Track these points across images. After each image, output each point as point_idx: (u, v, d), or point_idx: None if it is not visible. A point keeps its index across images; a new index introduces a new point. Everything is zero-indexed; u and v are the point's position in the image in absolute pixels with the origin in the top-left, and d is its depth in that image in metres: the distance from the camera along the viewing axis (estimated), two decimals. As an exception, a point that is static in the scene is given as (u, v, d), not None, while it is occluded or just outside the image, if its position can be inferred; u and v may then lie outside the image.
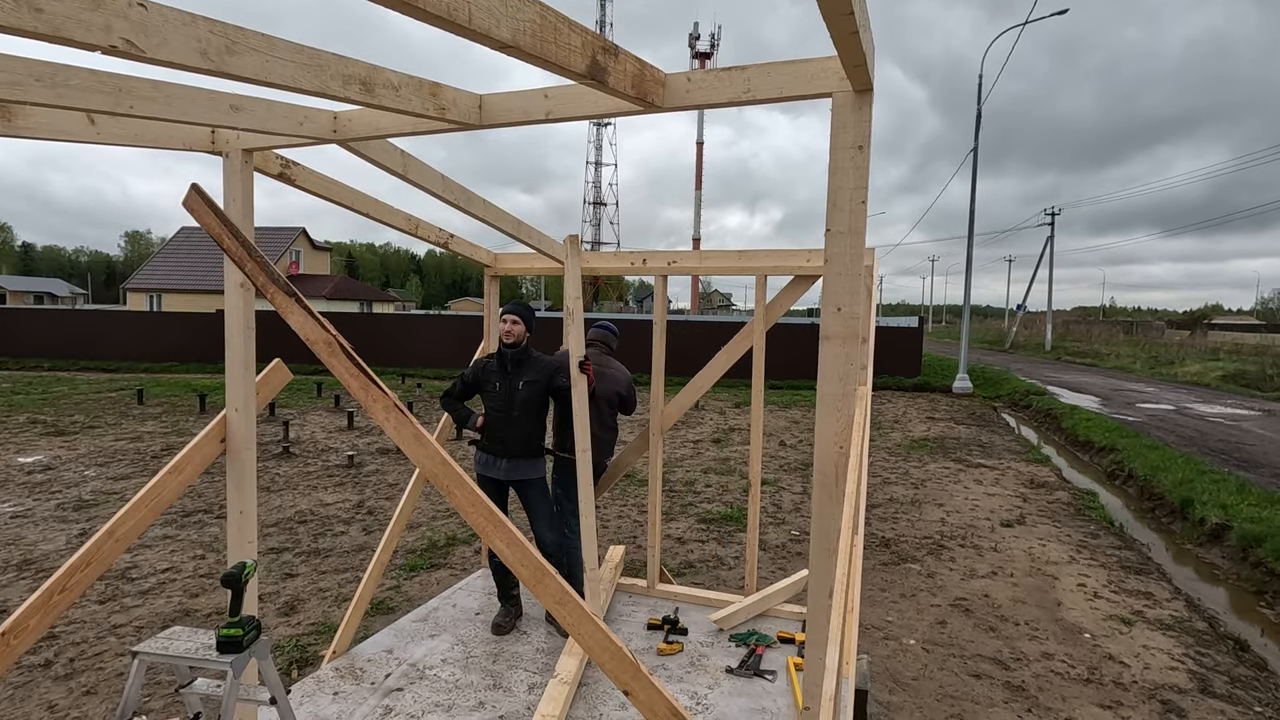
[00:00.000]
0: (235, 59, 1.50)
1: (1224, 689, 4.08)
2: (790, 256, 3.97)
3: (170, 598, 4.88)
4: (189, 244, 34.28)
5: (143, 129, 2.30)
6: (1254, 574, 5.98)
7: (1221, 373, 23.42)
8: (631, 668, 2.02)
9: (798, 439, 11.58)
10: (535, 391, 3.85)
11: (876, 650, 4.41)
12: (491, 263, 4.44)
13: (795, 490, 8.30)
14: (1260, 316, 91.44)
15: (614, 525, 6.81)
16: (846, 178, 1.83)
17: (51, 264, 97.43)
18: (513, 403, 3.83)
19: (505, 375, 3.86)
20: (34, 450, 9.57)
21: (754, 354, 4.21)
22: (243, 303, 2.54)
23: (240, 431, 2.56)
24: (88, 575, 2.39)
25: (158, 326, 22.17)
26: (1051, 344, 38.87)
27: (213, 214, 2.29)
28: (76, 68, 1.79)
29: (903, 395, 18.51)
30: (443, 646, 3.77)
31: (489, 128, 2.19)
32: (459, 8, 1.29)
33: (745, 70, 1.91)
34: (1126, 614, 5.07)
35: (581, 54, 1.65)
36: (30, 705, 3.57)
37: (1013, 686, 4.03)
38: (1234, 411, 15.44)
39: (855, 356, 1.88)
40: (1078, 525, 7.24)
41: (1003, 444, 11.79)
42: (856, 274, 1.85)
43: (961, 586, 5.51)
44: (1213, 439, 11.68)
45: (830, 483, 1.92)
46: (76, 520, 6.55)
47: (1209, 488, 7.85)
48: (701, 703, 3.30)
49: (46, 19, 1.20)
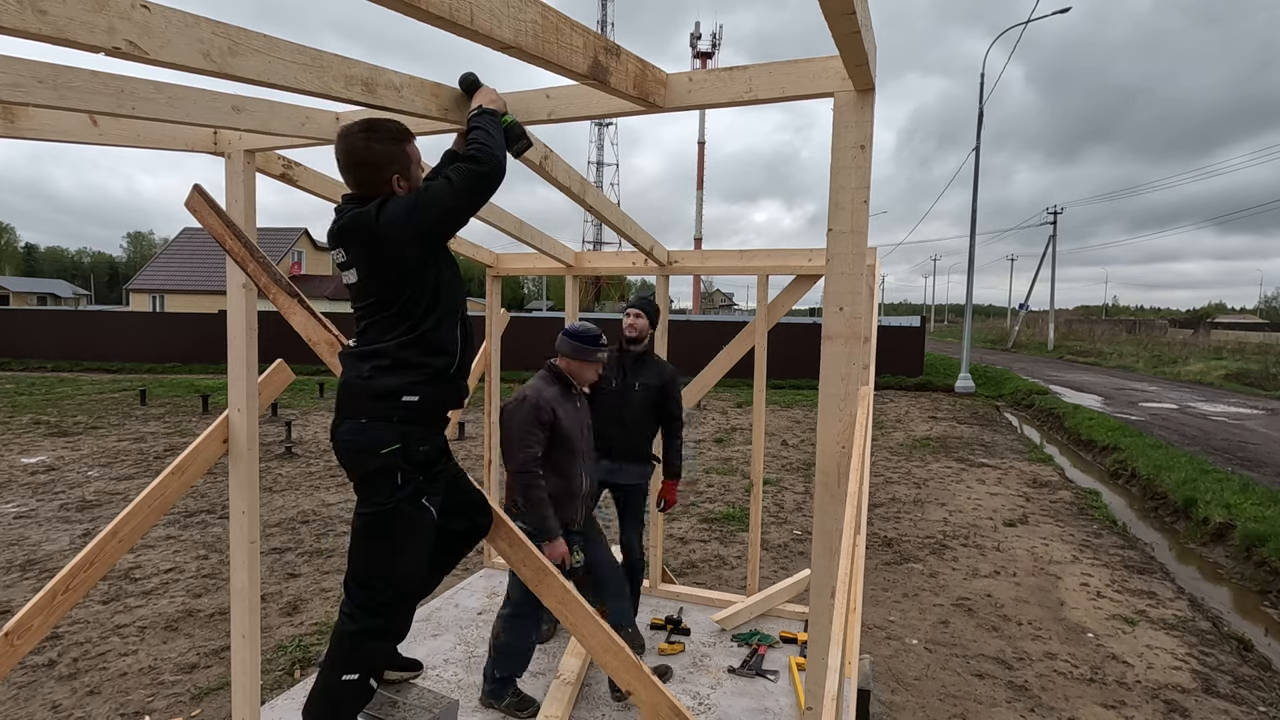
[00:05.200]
0: (237, 60, 1.50)
1: (1228, 689, 4.07)
2: (792, 256, 3.97)
3: (173, 598, 4.89)
4: (191, 245, 34.33)
5: (145, 130, 2.30)
6: (1258, 573, 5.97)
7: (1225, 371, 23.38)
8: (634, 668, 2.02)
9: (800, 438, 11.58)
10: (651, 394, 3.66)
11: (879, 650, 4.41)
12: (493, 263, 4.44)
13: (797, 490, 8.30)
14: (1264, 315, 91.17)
15: (615, 526, 6.80)
16: (849, 177, 1.83)
17: (54, 265, 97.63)
18: (625, 402, 3.62)
19: (624, 373, 3.65)
20: (37, 451, 9.59)
21: (756, 353, 4.20)
22: (245, 303, 2.55)
23: (243, 432, 2.56)
24: (91, 575, 2.40)
25: (160, 327, 22.22)
26: (1054, 343, 38.78)
27: (215, 215, 2.30)
28: (79, 69, 1.79)
29: (905, 395, 18.49)
30: (445, 646, 3.77)
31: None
32: (461, 8, 1.29)
33: (747, 70, 1.91)
34: (1130, 614, 5.06)
35: (583, 54, 1.65)
36: (34, 705, 3.58)
37: (1015, 686, 4.02)
38: (1237, 410, 15.40)
39: (857, 356, 1.88)
40: (1081, 525, 7.22)
41: (1005, 443, 11.77)
42: (859, 273, 1.85)
43: (964, 586, 5.50)
44: (1216, 438, 11.65)
45: (832, 482, 1.92)
46: (80, 520, 6.57)
47: (1212, 487, 7.83)
48: (704, 703, 3.29)
49: (50, 21, 1.20)
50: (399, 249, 1.89)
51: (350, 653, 1.95)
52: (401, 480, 1.93)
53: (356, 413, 1.95)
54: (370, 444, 1.92)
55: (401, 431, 1.92)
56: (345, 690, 1.94)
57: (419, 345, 1.94)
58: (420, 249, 1.90)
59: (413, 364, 1.94)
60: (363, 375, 1.94)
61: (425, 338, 1.95)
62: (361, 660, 1.96)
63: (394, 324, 1.94)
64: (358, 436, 1.94)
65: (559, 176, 2.56)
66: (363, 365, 1.95)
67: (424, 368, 1.95)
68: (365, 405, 1.94)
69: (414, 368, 1.94)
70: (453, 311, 2.00)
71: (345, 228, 1.95)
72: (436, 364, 1.97)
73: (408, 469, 1.93)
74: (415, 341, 1.93)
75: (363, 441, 1.94)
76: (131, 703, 3.61)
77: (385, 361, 1.93)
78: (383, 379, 1.92)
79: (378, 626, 1.97)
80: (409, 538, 1.98)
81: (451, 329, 2.00)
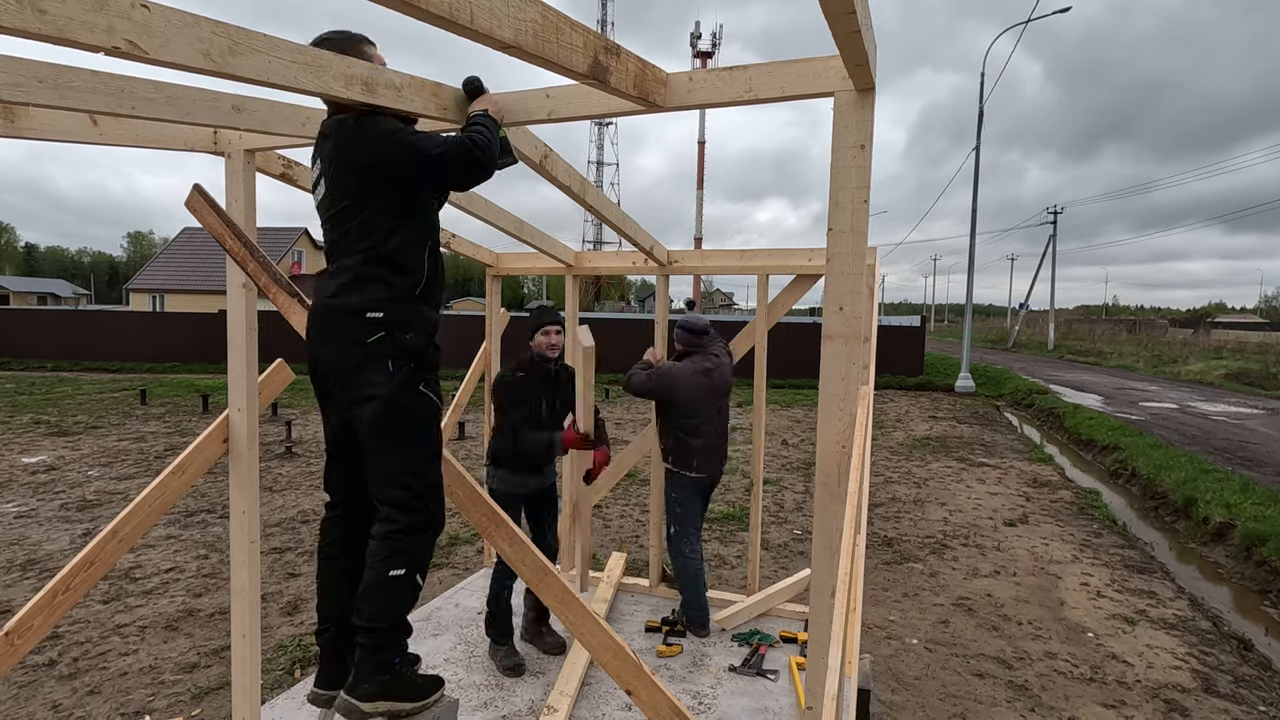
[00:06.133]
0: (238, 60, 1.50)
1: (1228, 689, 4.07)
2: (792, 256, 3.97)
3: (174, 597, 4.89)
4: (191, 244, 34.32)
5: (145, 130, 2.30)
6: (1258, 573, 5.97)
7: (1225, 371, 23.37)
8: (634, 667, 2.02)
9: (800, 438, 11.58)
10: (569, 406, 3.65)
11: (879, 649, 4.41)
12: (493, 262, 4.44)
13: (797, 489, 8.30)
14: (1264, 315, 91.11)
15: (616, 525, 6.81)
16: (849, 177, 1.83)
17: (54, 264, 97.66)
18: (556, 418, 3.62)
19: (553, 391, 3.65)
20: (38, 450, 9.60)
21: (756, 353, 4.21)
22: (245, 303, 2.55)
23: (243, 431, 2.56)
24: (91, 575, 2.40)
25: (160, 327, 22.21)
26: (1054, 343, 38.80)
27: (215, 214, 2.30)
28: (78, 69, 1.79)
29: (905, 394, 18.49)
30: (445, 646, 3.77)
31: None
32: (461, 8, 1.29)
33: (747, 70, 1.91)
34: (1130, 613, 5.06)
35: (583, 54, 1.65)
36: (34, 705, 3.58)
37: (1016, 686, 4.02)
38: (1237, 410, 15.40)
39: (857, 355, 1.88)
40: (1081, 524, 7.22)
41: (1005, 443, 11.77)
42: (859, 273, 1.85)
43: (964, 586, 5.50)
44: (1216, 438, 11.65)
45: (832, 482, 1.92)
46: (80, 520, 6.57)
47: (1212, 486, 7.83)
48: (704, 702, 3.30)
49: (50, 20, 1.20)
50: (367, 154, 1.88)
51: (394, 549, 1.90)
52: (393, 367, 1.90)
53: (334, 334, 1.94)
54: (354, 338, 1.90)
55: (384, 325, 1.90)
56: (394, 585, 1.90)
57: (383, 262, 1.92)
58: (384, 162, 1.88)
59: (374, 278, 1.90)
60: (328, 294, 1.94)
61: (390, 257, 1.92)
62: (408, 556, 1.91)
63: (360, 238, 1.92)
64: (336, 344, 1.93)
65: (559, 176, 2.56)
66: (329, 284, 1.95)
67: (388, 284, 1.91)
68: (337, 324, 1.93)
69: (376, 282, 1.90)
70: (422, 236, 1.99)
71: (323, 132, 1.98)
72: (400, 283, 1.93)
73: (398, 356, 1.91)
74: (379, 259, 1.91)
75: (344, 340, 1.91)
76: (132, 702, 3.61)
77: (347, 277, 1.92)
78: (347, 296, 1.91)
79: (417, 522, 1.93)
80: (417, 428, 1.95)
81: (419, 253, 1.97)
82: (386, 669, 1.89)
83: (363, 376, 1.90)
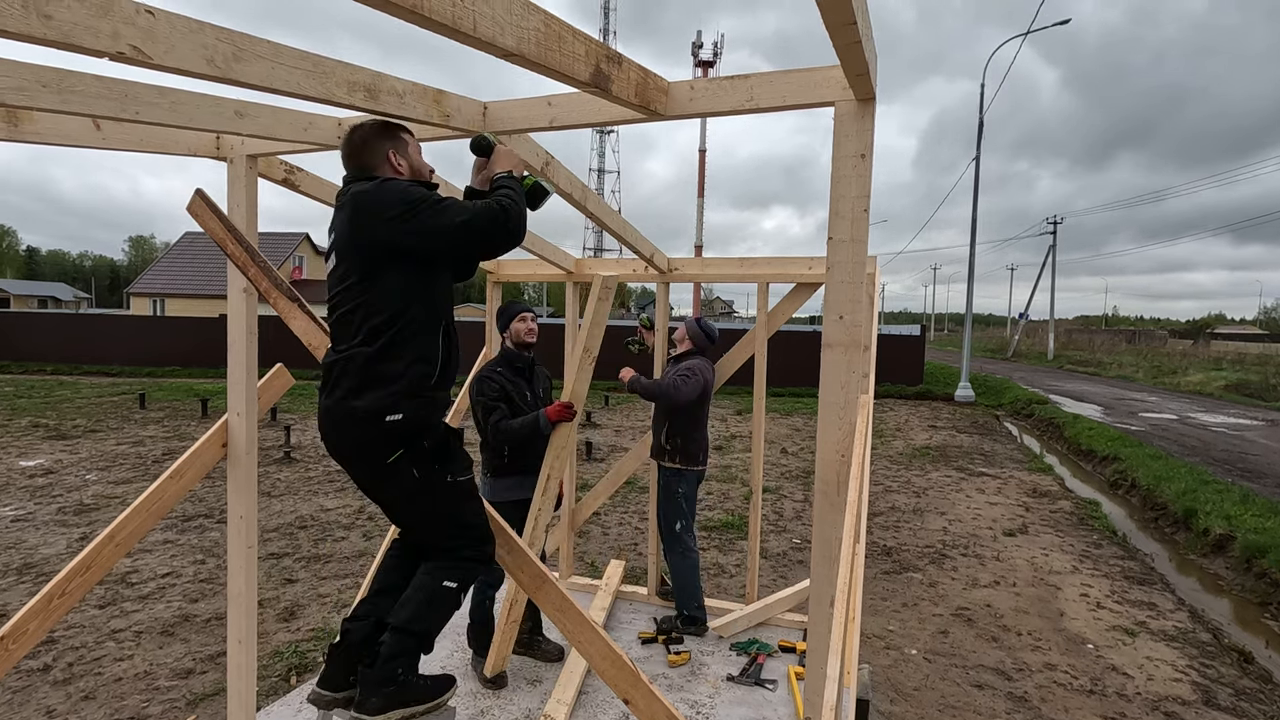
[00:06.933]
0: (241, 66, 1.51)
1: (1228, 701, 4.05)
2: (792, 264, 3.98)
3: (170, 603, 4.87)
4: (193, 249, 34.39)
5: (148, 134, 2.31)
6: (1258, 585, 5.95)
7: (1224, 382, 23.37)
8: (632, 676, 2.01)
9: (799, 446, 11.56)
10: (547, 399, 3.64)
11: (878, 660, 4.39)
12: (494, 269, 4.44)
13: (797, 498, 8.28)
14: (1263, 326, 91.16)
15: (615, 533, 6.79)
16: (849, 186, 1.84)
17: (55, 268, 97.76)
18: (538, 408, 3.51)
19: (530, 383, 3.57)
20: (36, 454, 9.58)
21: (756, 361, 4.21)
22: (245, 307, 2.55)
23: (242, 436, 2.56)
24: (88, 579, 2.39)
25: (160, 331, 22.24)
26: (1054, 353, 38.81)
27: (216, 219, 2.30)
28: (83, 74, 1.80)
29: (905, 403, 18.48)
30: (442, 654, 3.75)
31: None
32: (463, 16, 1.29)
33: (748, 79, 1.92)
34: (1130, 625, 5.04)
35: (585, 62, 1.66)
36: (29, 710, 3.56)
37: (1015, 697, 4.00)
38: (1237, 421, 15.39)
39: (857, 364, 1.88)
40: (1080, 535, 7.21)
41: (1005, 453, 11.75)
42: (859, 282, 1.85)
43: (963, 596, 5.48)
44: (1216, 449, 11.64)
45: (832, 491, 1.92)
46: (77, 524, 6.55)
47: (1212, 498, 7.81)
48: (702, 711, 3.28)
49: (56, 26, 1.21)
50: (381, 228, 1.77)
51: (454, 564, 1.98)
52: (419, 474, 1.90)
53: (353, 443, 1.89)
54: (375, 456, 1.86)
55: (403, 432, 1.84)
56: (444, 595, 1.96)
57: (394, 352, 1.81)
58: (402, 237, 1.76)
59: (387, 375, 1.80)
60: (340, 394, 1.84)
61: (402, 346, 1.82)
62: (462, 573, 1.99)
63: (368, 317, 1.80)
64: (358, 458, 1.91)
65: (560, 183, 2.57)
66: (340, 380, 1.84)
67: (401, 378, 1.81)
68: (355, 431, 1.85)
69: (390, 379, 1.80)
70: (435, 318, 1.88)
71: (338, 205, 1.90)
72: (414, 374, 1.83)
73: (421, 462, 1.90)
74: (389, 348, 1.80)
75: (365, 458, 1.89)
76: (127, 708, 3.59)
77: (357, 378, 1.81)
78: (360, 397, 1.81)
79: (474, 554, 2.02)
80: (455, 505, 1.99)
81: (433, 338, 1.88)
82: (390, 680, 1.90)
83: (393, 483, 1.92)
